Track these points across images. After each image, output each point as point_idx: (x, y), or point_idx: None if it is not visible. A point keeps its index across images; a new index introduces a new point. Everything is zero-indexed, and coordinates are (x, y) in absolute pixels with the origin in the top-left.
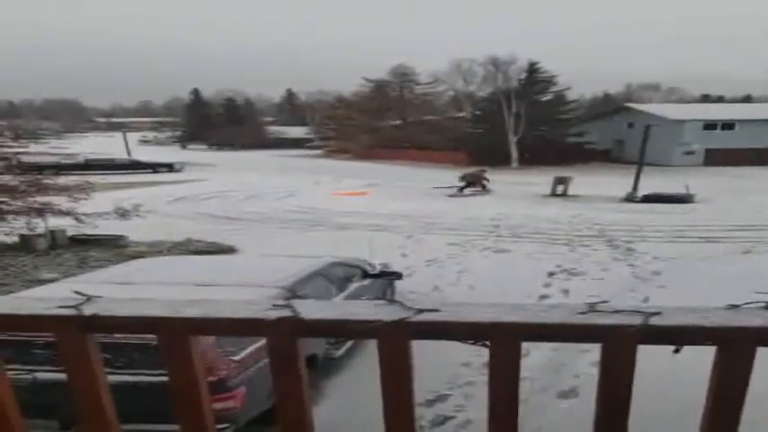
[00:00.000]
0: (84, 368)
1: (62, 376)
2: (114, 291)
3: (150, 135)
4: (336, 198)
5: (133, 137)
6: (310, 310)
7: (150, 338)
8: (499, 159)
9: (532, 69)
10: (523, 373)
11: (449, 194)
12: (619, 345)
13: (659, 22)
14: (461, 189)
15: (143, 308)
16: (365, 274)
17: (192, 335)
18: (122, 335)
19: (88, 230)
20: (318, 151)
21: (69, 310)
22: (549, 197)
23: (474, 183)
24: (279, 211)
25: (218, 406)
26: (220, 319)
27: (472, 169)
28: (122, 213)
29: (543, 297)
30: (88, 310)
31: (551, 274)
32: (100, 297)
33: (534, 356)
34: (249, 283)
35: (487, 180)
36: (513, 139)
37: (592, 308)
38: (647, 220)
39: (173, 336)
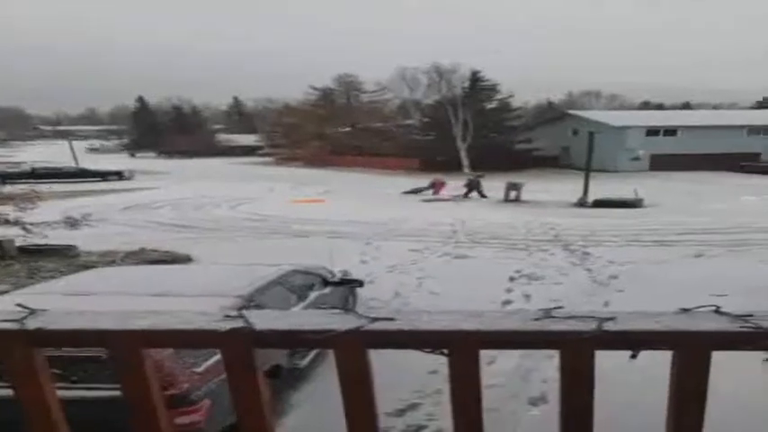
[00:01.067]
0: (31, 384)
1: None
2: (66, 302)
3: (98, 143)
4: (293, 205)
5: (80, 145)
6: (264, 320)
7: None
8: (451, 166)
9: (475, 78)
10: (492, 380)
11: (402, 198)
12: (575, 350)
13: (599, 31)
14: (466, 195)
15: (92, 320)
16: (325, 282)
17: (144, 347)
18: (77, 348)
19: (38, 240)
20: (270, 159)
21: (12, 324)
22: (502, 202)
23: (472, 187)
24: (234, 219)
25: (183, 420)
26: (172, 331)
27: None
28: (72, 223)
29: (506, 302)
30: (32, 323)
31: (512, 279)
32: (45, 310)
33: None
34: (207, 293)
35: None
36: (462, 146)
37: (547, 314)
38: (599, 225)
39: (123, 349)
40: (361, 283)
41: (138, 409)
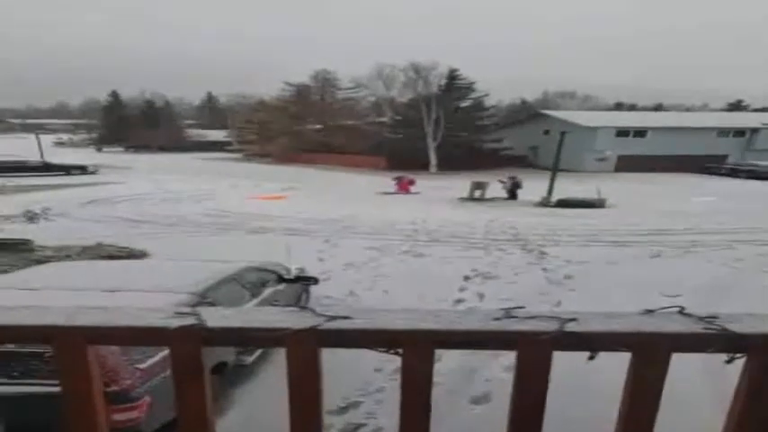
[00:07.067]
0: None
1: None
2: (14, 297)
3: (65, 137)
4: (254, 202)
5: (48, 139)
6: (216, 317)
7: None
8: (418, 164)
9: (452, 76)
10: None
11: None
12: (534, 351)
13: (575, 36)
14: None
15: (36, 316)
16: (280, 279)
17: (90, 344)
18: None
19: None
20: (238, 155)
21: None
22: (466, 201)
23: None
24: (195, 214)
25: (120, 417)
26: (120, 328)
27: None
28: (31, 217)
29: (459, 301)
30: None
31: (467, 278)
32: None
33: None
34: (159, 289)
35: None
36: (432, 145)
37: (507, 314)
38: (560, 225)
39: (68, 346)
40: (315, 281)
41: (77, 408)
